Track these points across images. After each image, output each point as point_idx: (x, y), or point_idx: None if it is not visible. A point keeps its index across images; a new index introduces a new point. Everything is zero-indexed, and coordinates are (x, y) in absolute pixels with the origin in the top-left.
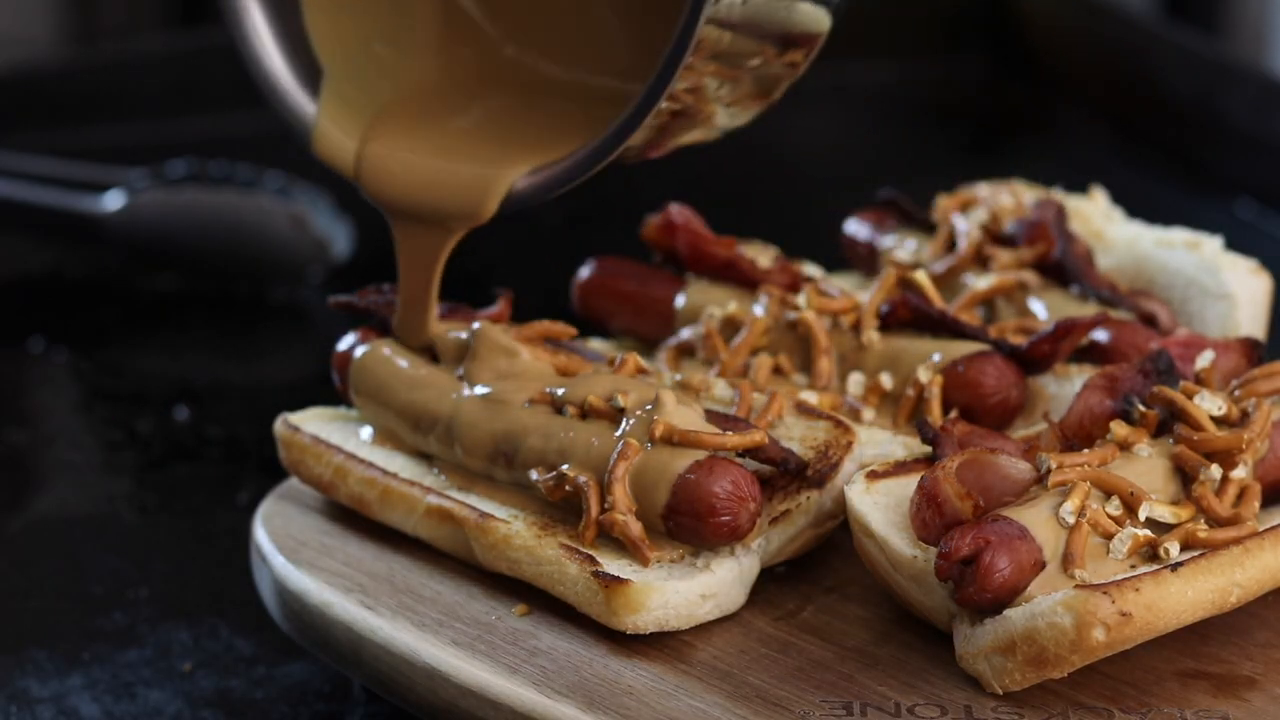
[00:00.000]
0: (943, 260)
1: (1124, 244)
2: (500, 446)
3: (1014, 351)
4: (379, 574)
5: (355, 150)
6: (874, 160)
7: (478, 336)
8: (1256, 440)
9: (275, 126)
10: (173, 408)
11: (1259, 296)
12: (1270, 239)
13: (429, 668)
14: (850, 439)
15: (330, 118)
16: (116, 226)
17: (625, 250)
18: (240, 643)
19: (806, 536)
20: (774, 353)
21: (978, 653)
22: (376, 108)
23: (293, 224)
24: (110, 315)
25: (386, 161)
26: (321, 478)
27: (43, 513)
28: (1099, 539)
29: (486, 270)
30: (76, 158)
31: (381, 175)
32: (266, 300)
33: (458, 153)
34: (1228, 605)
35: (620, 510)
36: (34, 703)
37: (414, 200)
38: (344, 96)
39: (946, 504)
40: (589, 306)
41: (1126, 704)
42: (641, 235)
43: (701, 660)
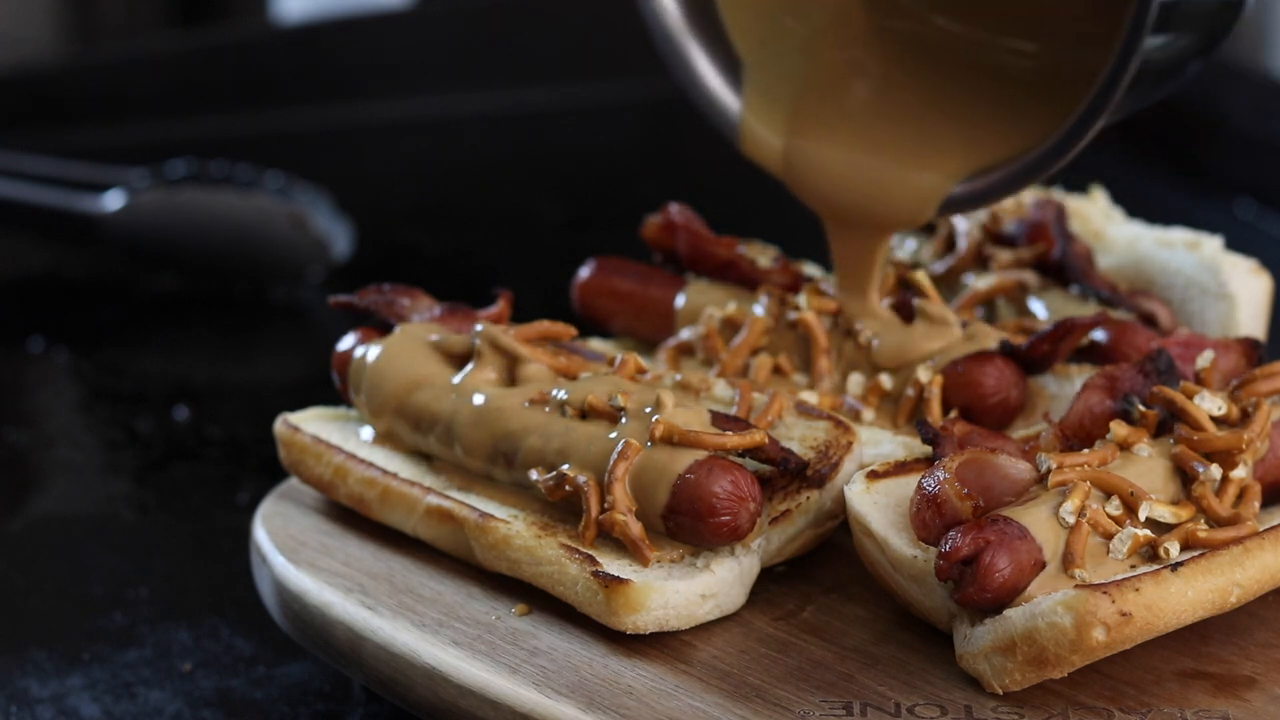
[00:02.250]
0: (943, 260)
1: (1124, 244)
2: (500, 447)
3: (1014, 351)
4: (379, 574)
5: (782, 148)
6: None
7: (479, 337)
8: (1256, 440)
9: (275, 126)
10: (173, 408)
11: (1259, 296)
12: (1270, 239)
13: (429, 668)
14: (850, 439)
15: (755, 114)
16: (116, 226)
17: (625, 250)
18: (240, 643)
19: (806, 536)
20: (774, 353)
21: (978, 653)
22: (801, 99)
23: (293, 224)
24: (110, 315)
25: (819, 164)
26: (321, 478)
27: (43, 513)
28: (1099, 539)
29: (486, 270)
30: (76, 158)
31: (815, 178)
32: (266, 300)
33: (891, 154)
34: (1228, 605)
35: (620, 510)
36: (34, 703)
37: (848, 204)
38: (765, 88)
39: (946, 504)
40: (589, 306)
41: (1126, 704)
42: (641, 235)
43: (701, 660)
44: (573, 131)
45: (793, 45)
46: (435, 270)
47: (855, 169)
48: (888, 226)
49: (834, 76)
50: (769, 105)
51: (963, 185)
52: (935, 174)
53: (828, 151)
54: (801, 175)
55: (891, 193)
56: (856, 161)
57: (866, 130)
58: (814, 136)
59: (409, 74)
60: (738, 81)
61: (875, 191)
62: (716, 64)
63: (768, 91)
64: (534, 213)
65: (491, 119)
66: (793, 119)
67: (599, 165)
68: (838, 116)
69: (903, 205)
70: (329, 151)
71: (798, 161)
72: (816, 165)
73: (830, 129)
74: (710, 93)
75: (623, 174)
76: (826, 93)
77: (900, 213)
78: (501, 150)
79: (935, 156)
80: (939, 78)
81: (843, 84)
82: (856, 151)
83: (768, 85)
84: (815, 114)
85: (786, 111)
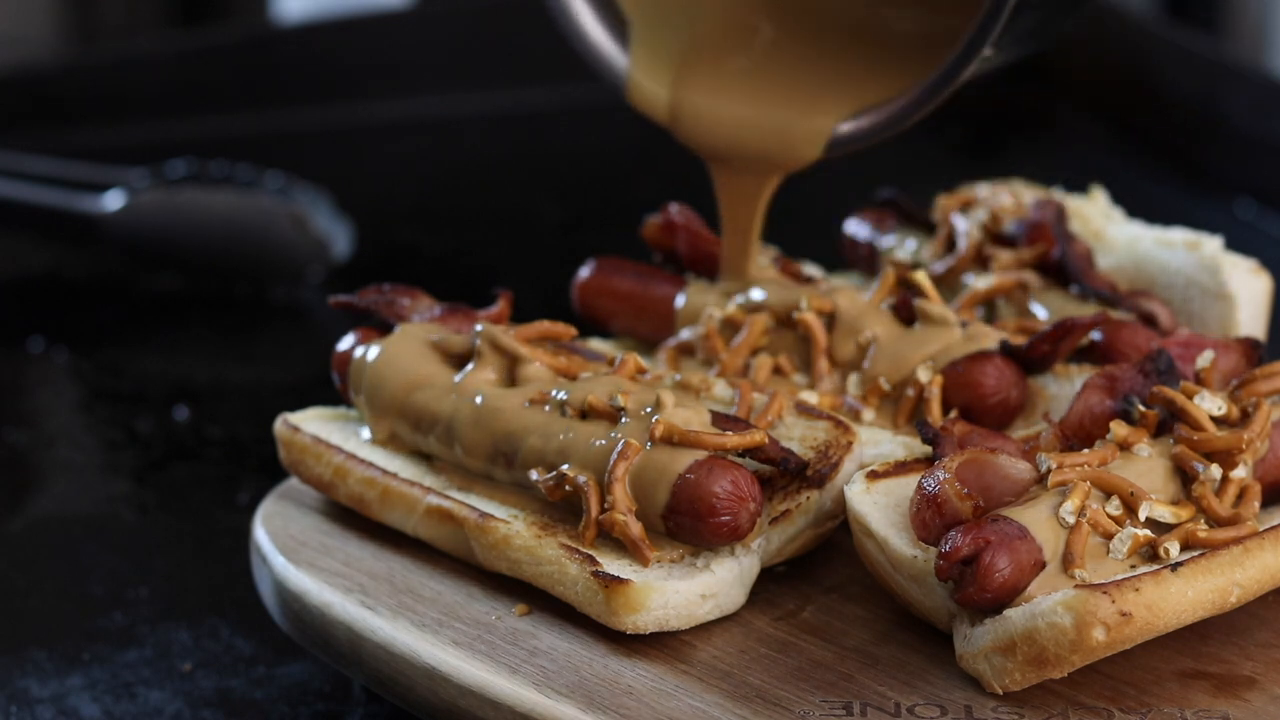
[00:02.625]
0: (943, 260)
1: (1124, 244)
2: (500, 447)
3: (1014, 351)
4: (379, 574)
5: (668, 99)
6: (874, 160)
7: (479, 337)
8: (1256, 440)
9: (275, 126)
10: (173, 408)
11: (1259, 296)
12: (1270, 239)
13: (429, 668)
14: (850, 439)
15: (641, 68)
16: (116, 226)
17: (625, 250)
18: (240, 643)
19: (806, 536)
20: (774, 353)
21: (978, 653)
22: (683, 51)
23: (293, 224)
24: (110, 315)
25: (705, 111)
26: (321, 478)
27: (43, 513)
28: (1099, 539)
29: (486, 270)
30: (76, 158)
31: (701, 125)
32: (266, 300)
33: (775, 98)
34: (1228, 605)
35: (620, 510)
36: (34, 703)
37: (736, 149)
38: (650, 45)
39: (946, 504)
40: (589, 306)
41: (1126, 704)
42: (641, 235)
43: (701, 660)
44: (572, 131)
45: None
46: (435, 270)
47: (742, 117)
48: (775, 168)
49: (718, 31)
50: (655, 59)
51: (846, 124)
52: (819, 116)
53: (714, 101)
54: (689, 125)
55: (778, 136)
56: (743, 110)
57: (752, 80)
58: (699, 88)
59: (409, 74)
60: (624, 36)
61: (762, 136)
62: (602, 19)
63: (653, 46)
64: (533, 213)
65: (491, 119)
66: (678, 71)
67: (599, 165)
68: (723, 68)
69: (789, 147)
70: (329, 151)
71: (685, 112)
72: (703, 115)
73: (715, 80)
74: (596, 47)
75: (623, 174)
76: (711, 46)
77: (787, 154)
78: (501, 150)
79: (819, 101)
80: (822, 33)
81: (728, 37)
82: (743, 101)
83: (653, 40)
84: (700, 66)
85: (672, 64)
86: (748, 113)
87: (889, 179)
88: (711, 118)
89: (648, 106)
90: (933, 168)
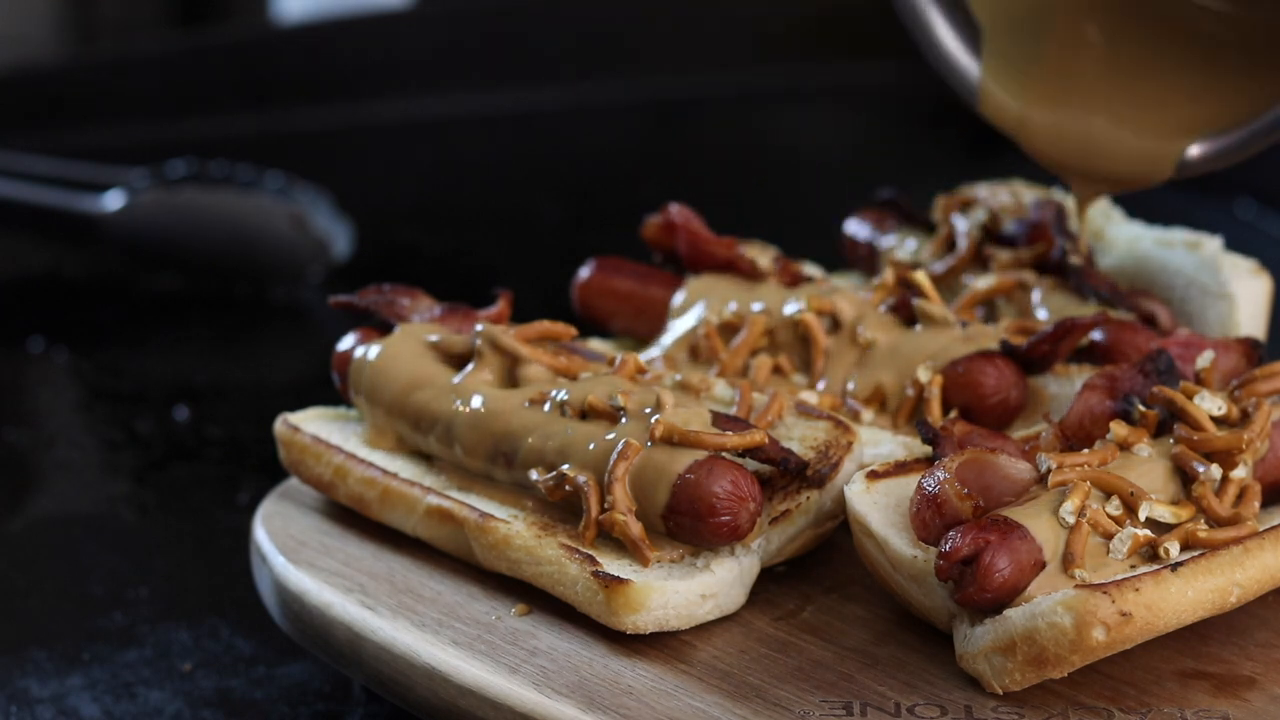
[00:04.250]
0: (943, 260)
1: (1124, 244)
2: (500, 447)
3: (1014, 351)
4: (379, 574)
5: (1019, 109)
6: (874, 160)
7: (479, 337)
8: (1256, 440)
9: (275, 126)
10: (173, 408)
11: (1259, 296)
12: (1270, 239)
13: (429, 668)
14: (850, 439)
15: (993, 76)
16: (116, 226)
17: (625, 250)
18: (240, 643)
19: (806, 536)
20: (774, 353)
21: (978, 653)
22: (1032, 60)
23: (293, 224)
24: (110, 315)
25: (1054, 128)
26: (321, 478)
27: (43, 513)
28: (1099, 539)
29: (486, 270)
30: (76, 158)
31: (1051, 139)
32: (266, 300)
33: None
34: (1228, 605)
35: (620, 510)
36: (34, 703)
37: (1085, 165)
38: (1002, 54)
39: (946, 504)
40: (589, 306)
41: (1126, 704)
42: (641, 235)
43: (701, 660)
44: (572, 131)
45: (1028, 12)
46: (435, 270)
47: (1088, 133)
48: (1121, 186)
49: (1067, 43)
50: (1006, 69)
51: (1196, 148)
52: (1167, 138)
53: (1062, 116)
54: (1037, 137)
55: (1125, 156)
56: (1089, 125)
57: (1098, 95)
58: (1050, 102)
59: (409, 74)
60: (976, 47)
61: (1109, 155)
62: (955, 29)
63: (1005, 56)
64: (534, 213)
65: (491, 119)
66: (1029, 82)
67: (599, 165)
68: (1072, 83)
69: (1137, 168)
70: (329, 151)
71: (1034, 124)
72: (1052, 128)
73: (1065, 95)
74: (950, 57)
75: (623, 174)
76: (1060, 58)
77: (1135, 174)
78: (501, 150)
79: (1166, 121)
80: (1166, 46)
81: (1076, 50)
82: (1089, 116)
83: (1005, 50)
84: (1051, 80)
85: (1023, 75)
86: (1099, 131)
87: (889, 179)
88: (1062, 133)
89: (998, 116)
90: (933, 168)
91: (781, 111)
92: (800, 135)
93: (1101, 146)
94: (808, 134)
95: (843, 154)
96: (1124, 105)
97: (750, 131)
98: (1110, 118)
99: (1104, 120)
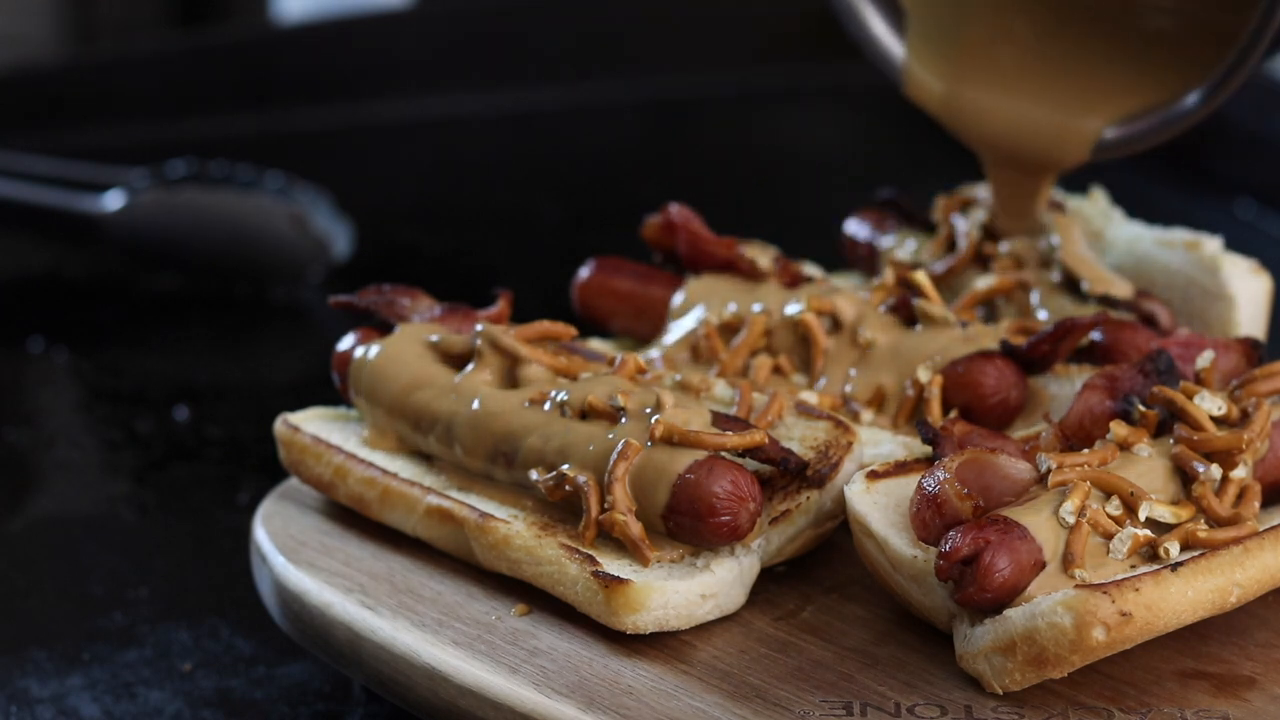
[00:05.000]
0: (943, 260)
1: (1124, 244)
2: (500, 447)
3: (1014, 351)
4: (379, 574)
5: (943, 91)
6: (874, 160)
7: (479, 337)
8: (1256, 440)
9: (275, 126)
10: (173, 408)
11: (1259, 296)
12: (1270, 239)
13: (429, 668)
14: (850, 439)
15: (917, 58)
16: (116, 226)
17: (625, 250)
18: (240, 643)
19: (806, 536)
20: (774, 353)
21: (978, 653)
22: (957, 43)
23: (293, 224)
24: (110, 315)
25: (977, 108)
26: (321, 478)
27: (43, 513)
28: (1099, 539)
29: (486, 270)
30: (76, 158)
31: (974, 118)
32: (266, 300)
33: (1044, 99)
34: (1228, 605)
35: (620, 510)
36: (34, 703)
37: (1005, 144)
38: (926, 37)
39: (946, 504)
40: (589, 306)
41: (1126, 704)
42: (641, 235)
43: (701, 660)
44: (572, 131)
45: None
46: (435, 270)
47: (1011, 113)
48: (1043, 168)
49: (990, 25)
50: (930, 51)
51: (1114, 130)
52: (1086, 119)
53: (985, 96)
54: (961, 118)
55: (1045, 136)
56: (1012, 106)
57: (1021, 76)
58: (972, 81)
59: (409, 74)
60: (902, 29)
61: (1030, 135)
62: (881, 11)
63: (928, 38)
64: (534, 213)
65: (491, 119)
66: (953, 64)
67: (599, 165)
68: (994, 63)
69: (1056, 148)
70: (329, 151)
71: (957, 105)
72: (975, 109)
73: (988, 75)
74: (876, 39)
75: (623, 174)
76: (983, 40)
77: (1054, 155)
78: (501, 150)
79: (1086, 103)
80: (1087, 30)
81: (998, 32)
82: (1012, 96)
83: (928, 32)
84: (974, 60)
85: (947, 57)
86: (1019, 110)
87: (889, 179)
88: (984, 112)
89: (922, 97)
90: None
91: (781, 111)
92: (800, 135)
93: (1022, 127)
94: (808, 134)
95: (843, 154)
96: (1044, 87)
97: (750, 131)
98: (1030, 99)
99: (1025, 101)
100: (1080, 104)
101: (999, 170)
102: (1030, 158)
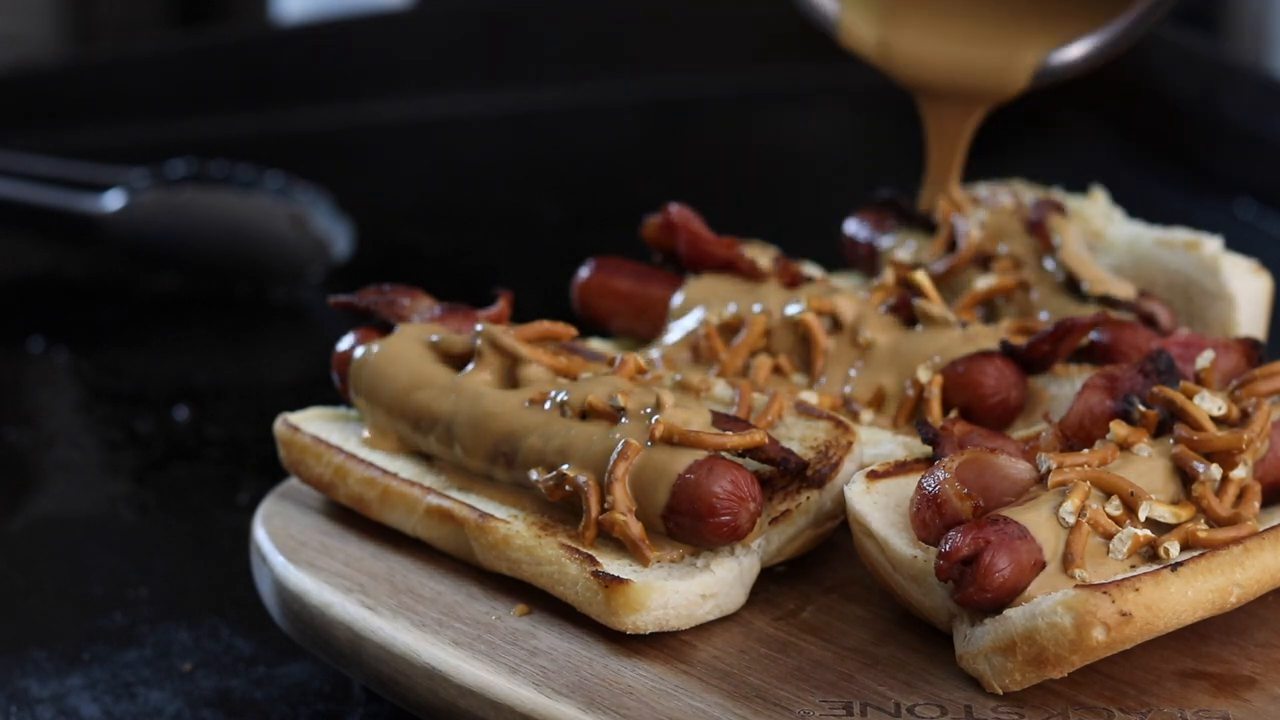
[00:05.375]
0: (943, 260)
1: (1124, 244)
2: (500, 447)
3: (1014, 351)
4: (379, 574)
5: (877, 36)
6: (874, 160)
7: (479, 337)
8: (1256, 440)
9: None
10: (173, 408)
11: (1259, 296)
12: (1270, 239)
13: (429, 668)
14: (850, 439)
15: (850, 8)
16: (116, 226)
17: (625, 250)
18: (240, 643)
19: (806, 536)
20: (774, 353)
21: (978, 653)
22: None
23: (293, 224)
24: (110, 315)
25: (915, 47)
26: (321, 478)
27: (43, 513)
28: (1099, 539)
29: (486, 270)
30: (76, 158)
31: (911, 60)
32: (266, 300)
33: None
34: (1228, 605)
35: (620, 510)
36: (34, 703)
37: (945, 82)
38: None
39: (946, 504)
40: (589, 306)
41: (1126, 704)
42: (641, 235)
43: (701, 660)
44: (572, 131)
45: None
46: (435, 270)
47: (947, 49)
48: (983, 100)
49: None
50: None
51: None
52: (1022, 51)
53: (920, 36)
54: (899, 61)
55: (982, 71)
56: (948, 42)
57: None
58: (908, 24)
59: (409, 74)
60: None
61: (966, 69)
62: None
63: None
64: (534, 213)
65: (491, 119)
66: (886, 8)
67: (599, 165)
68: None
69: (994, 81)
70: (329, 151)
71: (895, 49)
72: (910, 49)
73: (922, 16)
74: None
75: (623, 174)
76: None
77: (995, 85)
78: (501, 150)
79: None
80: None
81: None
82: (945, 35)
83: None
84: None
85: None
86: (956, 47)
87: (889, 179)
88: (921, 53)
89: (858, 45)
90: None
91: (781, 111)
92: (800, 135)
93: (958, 62)
94: (808, 134)
95: (843, 154)
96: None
97: (750, 131)
98: (964, 37)
99: (958, 40)
100: (1014, 36)
101: (933, 108)
102: (968, 92)
